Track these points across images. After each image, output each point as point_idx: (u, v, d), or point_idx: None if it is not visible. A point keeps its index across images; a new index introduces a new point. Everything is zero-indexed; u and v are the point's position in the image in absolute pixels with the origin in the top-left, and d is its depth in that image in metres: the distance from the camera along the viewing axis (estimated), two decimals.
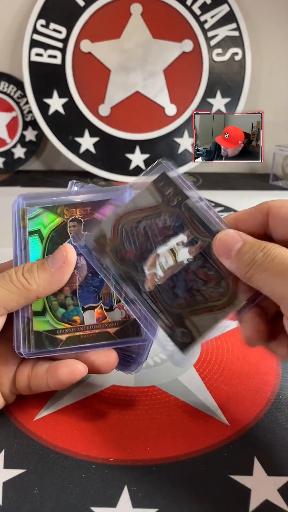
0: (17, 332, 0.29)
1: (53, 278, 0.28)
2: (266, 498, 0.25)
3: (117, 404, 0.32)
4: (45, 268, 0.28)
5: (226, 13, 1.06)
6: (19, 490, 0.25)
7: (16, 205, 0.31)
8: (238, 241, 0.26)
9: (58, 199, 0.31)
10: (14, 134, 1.18)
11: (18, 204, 0.31)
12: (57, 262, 0.28)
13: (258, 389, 0.33)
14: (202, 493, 0.25)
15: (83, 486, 0.25)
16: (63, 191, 0.32)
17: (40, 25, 1.06)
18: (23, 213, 0.30)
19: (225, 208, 0.86)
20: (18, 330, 0.29)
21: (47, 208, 0.31)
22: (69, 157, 1.12)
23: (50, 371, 0.29)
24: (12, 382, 0.30)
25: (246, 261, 0.25)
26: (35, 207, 0.31)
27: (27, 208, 0.31)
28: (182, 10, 1.06)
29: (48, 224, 0.30)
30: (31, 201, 0.31)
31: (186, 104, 1.10)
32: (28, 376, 0.30)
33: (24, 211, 0.30)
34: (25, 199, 0.31)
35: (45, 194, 0.31)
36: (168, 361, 0.37)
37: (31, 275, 0.28)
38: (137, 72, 1.09)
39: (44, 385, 0.29)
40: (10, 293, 0.27)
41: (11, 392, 0.30)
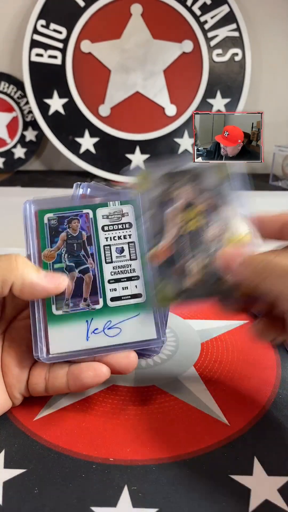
0: (34, 336, 0.28)
1: (37, 282, 0.27)
2: (266, 498, 0.25)
3: (117, 404, 0.32)
4: (39, 272, 0.28)
5: (226, 14, 1.07)
6: (19, 490, 0.25)
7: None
8: (240, 255, 0.28)
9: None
10: (14, 134, 1.18)
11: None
12: (49, 278, 0.28)
13: (258, 389, 0.33)
14: (202, 493, 0.25)
15: (83, 485, 0.25)
16: (68, 196, 0.32)
17: (40, 25, 1.06)
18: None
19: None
20: (35, 333, 0.28)
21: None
22: (69, 157, 1.12)
23: (72, 374, 0.29)
24: (25, 385, 0.30)
25: (258, 265, 0.26)
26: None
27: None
28: (182, 10, 1.06)
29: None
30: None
31: (186, 104, 1.10)
32: (46, 378, 0.29)
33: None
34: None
35: (53, 198, 0.31)
36: (168, 361, 0.37)
37: (23, 263, 0.27)
38: (137, 72, 1.09)
39: (64, 387, 0.29)
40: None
41: (21, 395, 0.30)
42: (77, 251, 0.30)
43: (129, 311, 0.29)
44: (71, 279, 0.29)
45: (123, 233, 0.30)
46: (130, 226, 0.30)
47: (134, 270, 0.30)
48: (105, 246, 0.30)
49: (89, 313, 0.29)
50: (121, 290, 0.29)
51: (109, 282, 0.29)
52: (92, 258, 0.30)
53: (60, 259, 0.30)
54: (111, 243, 0.30)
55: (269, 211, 0.31)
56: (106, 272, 0.30)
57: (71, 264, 0.30)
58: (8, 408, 0.30)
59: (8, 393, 0.30)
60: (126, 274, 0.30)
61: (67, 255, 0.30)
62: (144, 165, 1.11)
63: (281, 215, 0.30)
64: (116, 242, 0.30)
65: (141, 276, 0.30)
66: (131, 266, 0.30)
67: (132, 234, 0.30)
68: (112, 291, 0.29)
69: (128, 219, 0.30)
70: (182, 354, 0.38)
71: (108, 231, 0.30)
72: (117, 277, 0.30)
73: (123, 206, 0.31)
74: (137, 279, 0.30)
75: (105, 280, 0.29)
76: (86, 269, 0.29)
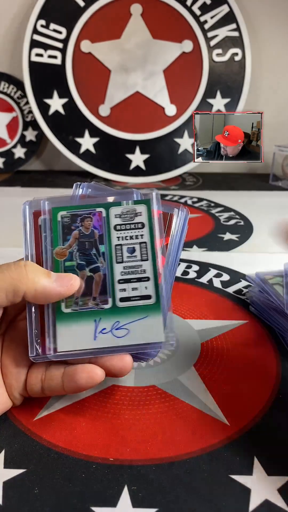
0: (30, 336, 0.28)
1: (48, 288, 0.27)
2: (266, 498, 0.25)
3: (117, 404, 0.32)
4: (49, 277, 0.28)
5: (226, 14, 1.07)
6: (19, 490, 0.25)
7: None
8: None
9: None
10: (14, 134, 1.18)
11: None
12: (59, 281, 0.28)
13: (258, 389, 0.33)
14: (202, 493, 0.25)
15: (83, 485, 0.25)
16: (67, 196, 0.32)
17: (40, 25, 1.06)
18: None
19: (225, 208, 0.86)
20: (31, 334, 0.28)
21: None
22: (69, 157, 1.12)
23: (67, 375, 0.29)
24: (23, 385, 0.30)
25: None
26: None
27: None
28: (182, 10, 1.06)
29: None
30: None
31: (186, 104, 1.10)
32: (42, 379, 0.29)
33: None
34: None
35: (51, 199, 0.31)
36: (168, 361, 0.37)
37: (33, 271, 0.27)
38: (137, 72, 1.09)
39: (59, 388, 0.29)
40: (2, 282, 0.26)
41: (21, 395, 0.30)
42: (89, 249, 0.30)
43: (138, 312, 0.29)
44: (81, 278, 0.29)
45: (135, 233, 0.30)
46: (142, 226, 0.30)
47: (144, 271, 0.29)
48: (116, 245, 0.30)
49: (97, 313, 0.29)
50: (130, 290, 0.29)
51: (119, 282, 0.29)
52: (103, 257, 0.30)
53: (72, 257, 0.29)
54: (122, 242, 0.30)
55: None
56: (117, 272, 0.29)
57: (82, 263, 0.29)
58: (8, 408, 0.30)
59: (8, 394, 0.30)
60: (136, 274, 0.29)
61: (79, 254, 0.30)
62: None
63: None
64: (127, 242, 0.30)
65: (151, 278, 0.29)
66: (141, 267, 0.29)
67: (144, 235, 0.30)
68: (122, 292, 0.29)
69: (141, 219, 0.30)
70: (182, 354, 0.38)
71: (120, 230, 0.30)
72: (127, 277, 0.29)
73: (137, 205, 0.30)
74: (147, 280, 0.29)
75: (115, 280, 0.29)
76: (97, 268, 0.29)
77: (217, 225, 0.76)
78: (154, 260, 0.29)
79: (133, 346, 0.28)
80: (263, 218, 0.80)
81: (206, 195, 0.97)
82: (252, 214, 0.82)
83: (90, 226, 0.30)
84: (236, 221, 0.78)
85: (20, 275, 0.27)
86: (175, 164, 1.13)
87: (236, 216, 0.81)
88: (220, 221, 0.78)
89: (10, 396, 0.30)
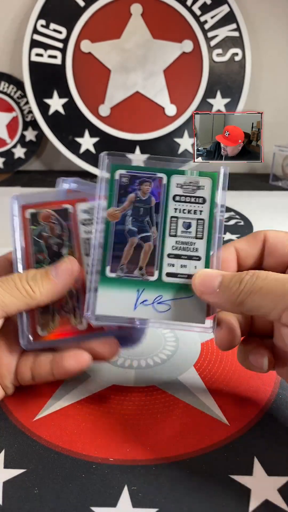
0: (20, 325, 0.29)
1: (55, 289, 0.28)
2: (266, 498, 0.25)
3: (117, 404, 0.32)
4: (50, 279, 0.28)
5: (226, 14, 1.06)
6: (19, 490, 0.25)
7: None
8: (217, 276, 0.26)
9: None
10: (14, 134, 1.18)
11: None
12: (61, 275, 0.28)
13: (258, 389, 0.33)
14: (202, 493, 0.25)
15: (83, 486, 0.25)
16: (52, 190, 0.32)
17: (40, 25, 1.06)
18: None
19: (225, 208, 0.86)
20: (22, 323, 0.29)
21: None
22: (69, 157, 1.12)
23: (55, 361, 0.29)
24: (14, 374, 0.31)
25: (235, 286, 0.25)
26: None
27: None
28: (182, 10, 1.06)
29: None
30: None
31: (186, 104, 1.10)
32: (31, 367, 0.30)
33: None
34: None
35: (38, 193, 0.32)
36: (168, 361, 0.37)
37: (35, 284, 0.28)
38: (137, 72, 1.09)
39: (49, 375, 0.30)
40: (12, 298, 0.27)
41: (12, 384, 0.31)
42: (143, 216, 0.28)
43: (183, 290, 0.28)
44: (130, 245, 0.28)
45: (194, 207, 0.28)
46: (203, 201, 0.28)
47: (197, 249, 0.28)
48: (172, 217, 0.28)
49: (141, 283, 0.28)
50: (179, 267, 0.28)
51: (168, 256, 0.28)
52: (156, 227, 0.28)
53: (124, 221, 0.28)
54: (179, 215, 0.28)
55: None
56: (168, 245, 0.28)
57: (134, 229, 0.28)
58: (1, 398, 0.31)
59: (0, 383, 0.30)
60: (188, 251, 0.28)
61: (132, 218, 0.28)
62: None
63: (253, 235, 0.29)
64: (185, 215, 0.28)
65: (203, 258, 0.28)
66: (195, 245, 0.28)
67: (203, 211, 0.28)
68: (170, 266, 0.28)
69: (203, 193, 0.28)
70: (182, 354, 0.38)
71: (180, 202, 0.28)
72: (178, 253, 0.28)
73: (201, 178, 0.29)
74: (198, 260, 0.28)
75: (164, 253, 0.28)
76: (148, 237, 0.28)
77: None
78: (209, 240, 0.28)
79: (172, 323, 0.28)
80: (263, 218, 0.80)
81: None
82: (252, 214, 0.82)
83: (148, 191, 0.29)
84: (236, 221, 0.78)
85: (28, 292, 0.28)
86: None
87: (236, 216, 0.81)
88: None
89: (2, 385, 0.31)
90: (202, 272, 0.27)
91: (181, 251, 0.28)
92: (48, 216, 0.31)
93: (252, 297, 0.24)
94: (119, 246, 0.28)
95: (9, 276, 0.29)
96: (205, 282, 0.26)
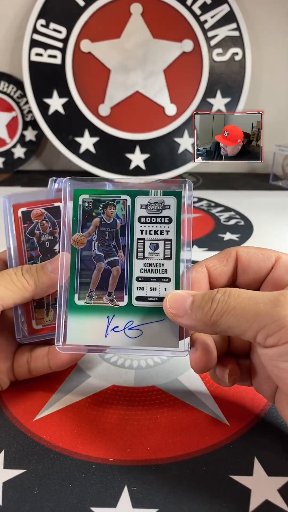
0: (16, 320, 0.30)
1: (51, 282, 0.29)
2: (266, 498, 0.25)
3: (117, 404, 0.32)
4: (45, 273, 0.29)
5: (226, 13, 1.06)
6: (19, 490, 0.25)
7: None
8: (188, 297, 0.26)
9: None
10: (14, 134, 1.18)
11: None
12: (56, 269, 0.29)
13: None
14: (202, 493, 0.25)
15: (83, 486, 0.25)
16: (43, 189, 0.32)
17: (40, 25, 1.06)
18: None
19: (225, 208, 0.86)
20: (17, 318, 0.30)
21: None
22: (69, 157, 1.11)
23: (51, 354, 0.30)
24: (10, 369, 0.31)
25: (207, 306, 0.24)
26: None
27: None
28: (182, 10, 1.06)
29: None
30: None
31: (186, 104, 1.10)
32: (28, 360, 0.31)
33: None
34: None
35: (29, 192, 0.33)
36: (168, 361, 0.37)
37: (31, 277, 0.29)
38: (137, 72, 1.09)
39: (45, 367, 0.31)
40: (8, 291, 0.28)
41: (8, 379, 0.32)
42: (109, 240, 0.28)
43: (154, 314, 0.27)
44: (98, 270, 0.28)
45: (160, 227, 0.28)
46: (170, 221, 0.28)
47: (166, 271, 0.27)
48: (139, 239, 0.28)
49: (111, 309, 0.27)
50: (148, 290, 0.27)
51: (137, 280, 0.28)
52: (123, 250, 0.28)
53: (90, 246, 0.28)
54: (146, 236, 0.28)
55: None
56: (136, 268, 0.28)
57: (100, 254, 0.28)
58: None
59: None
60: (156, 274, 0.28)
61: (98, 243, 0.28)
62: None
63: (224, 253, 0.28)
64: (151, 236, 0.28)
65: (172, 279, 0.27)
66: (163, 266, 0.27)
67: (170, 231, 0.28)
68: (139, 290, 0.27)
69: (168, 212, 0.28)
70: None
71: (145, 223, 0.28)
72: (147, 275, 0.28)
73: (166, 197, 0.28)
74: (168, 281, 0.27)
75: (133, 276, 0.27)
76: (115, 261, 0.28)
77: (217, 225, 0.76)
78: (178, 261, 0.28)
79: (144, 349, 0.27)
80: (263, 218, 0.80)
81: (206, 195, 0.97)
82: (252, 214, 0.82)
83: (112, 214, 0.28)
84: (236, 221, 0.78)
85: (23, 285, 0.29)
86: (175, 163, 1.13)
87: (236, 216, 0.81)
88: (220, 221, 0.78)
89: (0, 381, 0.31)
90: (173, 295, 0.26)
91: (150, 273, 0.28)
92: (40, 214, 0.32)
93: (225, 317, 0.24)
94: (86, 273, 0.28)
95: (4, 271, 0.29)
96: (176, 305, 0.26)
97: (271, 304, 0.23)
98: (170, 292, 0.27)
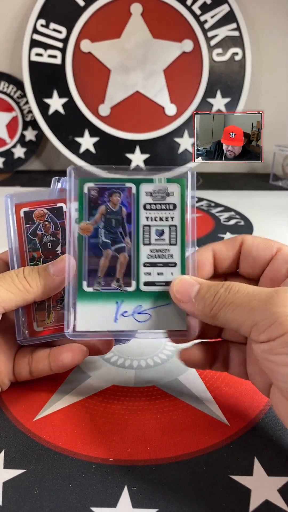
0: (17, 322, 0.30)
1: (53, 284, 0.29)
2: (266, 498, 0.25)
3: (117, 404, 0.32)
4: (47, 275, 0.29)
5: (226, 13, 1.06)
6: (19, 490, 0.25)
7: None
8: (195, 285, 0.26)
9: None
10: (14, 134, 1.18)
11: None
12: (59, 271, 0.29)
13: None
14: (202, 493, 0.25)
15: (83, 486, 0.25)
16: (46, 189, 0.32)
17: (40, 25, 1.06)
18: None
19: (225, 208, 0.86)
20: (18, 320, 0.30)
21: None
22: (69, 157, 1.12)
23: (53, 356, 0.30)
24: (11, 370, 0.31)
25: (209, 299, 0.25)
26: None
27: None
28: (182, 10, 1.06)
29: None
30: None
31: (186, 104, 1.10)
32: (29, 362, 0.31)
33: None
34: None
35: (32, 192, 0.32)
36: (168, 361, 0.37)
37: (33, 279, 0.29)
38: (137, 72, 1.09)
39: (46, 369, 0.31)
40: (10, 294, 0.28)
41: (9, 380, 0.32)
42: (115, 227, 0.28)
43: (162, 298, 0.28)
44: (106, 257, 0.28)
45: (165, 214, 0.28)
46: (174, 207, 0.28)
47: (172, 256, 0.28)
48: (144, 226, 0.28)
49: (120, 295, 0.28)
50: (156, 275, 0.28)
51: (144, 265, 0.28)
52: (129, 237, 0.28)
53: (97, 234, 0.28)
54: (151, 223, 0.28)
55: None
56: (143, 254, 0.28)
57: (107, 241, 0.28)
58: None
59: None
60: (163, 259, 0.28)
61: (104, 231, 0.28)
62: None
63: (232, 239, 0.29)
64: (157, 223, 0.28)
65: (178, 264, 0.28)
66: (169, 252, 0.28)
67: (175, 217, 0.28)
68: (146, 275, 0.28)
69: (173, 199, 0.28)
70: None
71: (150, 210, 0.28)
72: (153, 261, 0.28)
73: (170, 184, 0.29)
74: (174, 266, 0.28)
75: (140, 262, 0.28)
76: (122, 248, 0.28)
77: (217, 225, 0.76)
78: (183, 246, 0.28)
79: (153, 332, 0.28)
80: (263, 218, 0.80)
81: (206, 195, 0.97)
82: (252, 214, 0.82)
83: (118, 202, 0.28)
84: (236, 221, 0.78)
85: (25, 287, 0.28)
86: (175, 163, 1.13)
87: (236, 216, 0.81)
88: (220, 221, 0.78)
89: (0, 382, 0.31)
90: (180, 280, 0.27)
91: (157, 259, 0.28)
92: (42, 215, 0.31)
93: (223, 311, 0.24)
94: (94, 260, 0.28)
95: (6, 273, 0.29)
96: (182, 290, 0.27)
97: (264, 301, 0.23)
98: (178, 277, 0.27)
